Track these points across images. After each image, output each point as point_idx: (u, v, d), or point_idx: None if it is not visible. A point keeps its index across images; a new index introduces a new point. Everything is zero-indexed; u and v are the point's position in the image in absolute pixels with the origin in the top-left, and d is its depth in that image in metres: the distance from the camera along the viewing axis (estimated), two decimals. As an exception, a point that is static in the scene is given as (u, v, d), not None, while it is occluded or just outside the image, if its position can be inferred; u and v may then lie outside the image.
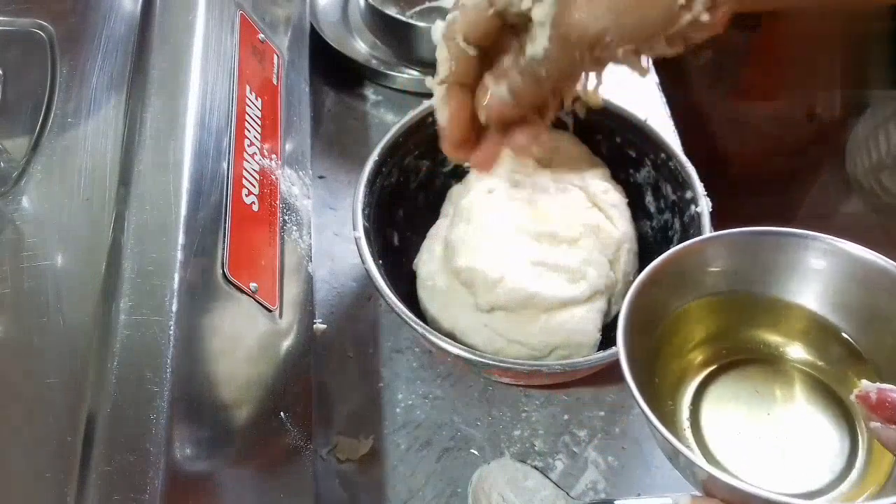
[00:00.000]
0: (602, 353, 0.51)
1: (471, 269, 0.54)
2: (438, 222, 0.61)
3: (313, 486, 0.47)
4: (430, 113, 0.61)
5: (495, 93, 0.40)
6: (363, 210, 0.55)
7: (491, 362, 0.51)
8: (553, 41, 0.38)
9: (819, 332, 0.46)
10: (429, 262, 0.58)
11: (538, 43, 0.38)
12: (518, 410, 0.58)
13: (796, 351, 0.47)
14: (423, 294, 0.58)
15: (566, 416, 0.58)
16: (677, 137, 0.73)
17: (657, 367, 0.45)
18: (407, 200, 0.62)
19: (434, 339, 0.51)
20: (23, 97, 0.49)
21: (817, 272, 0.44)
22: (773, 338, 0.47)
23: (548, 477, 0.54)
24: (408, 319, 0.51)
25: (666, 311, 0.46)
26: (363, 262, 0.53)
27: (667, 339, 0.46)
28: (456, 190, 0.62)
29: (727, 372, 0.46)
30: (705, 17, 0.36)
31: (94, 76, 0.51)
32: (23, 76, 0.50)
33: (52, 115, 0.49)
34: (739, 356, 0.47)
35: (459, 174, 0.63)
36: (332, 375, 0.59)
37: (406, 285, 0.58)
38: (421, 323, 0.52)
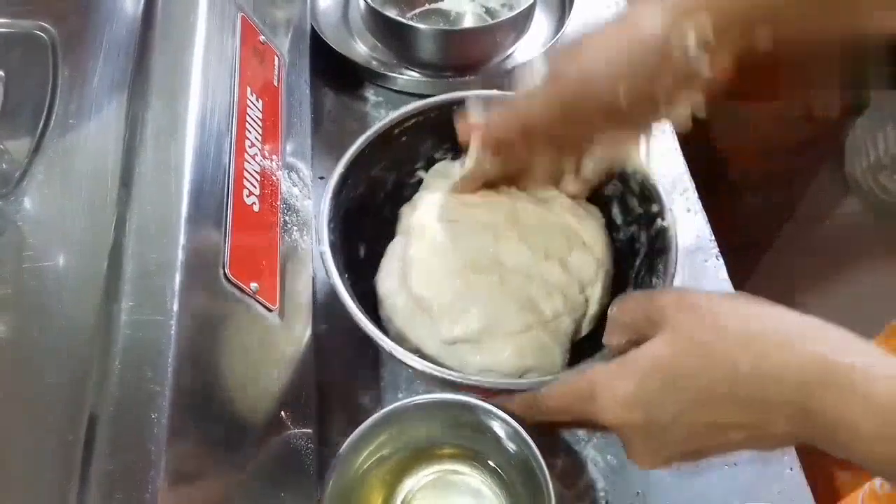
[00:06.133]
0: (569, 371, 0.51)
1: (427, 300, 0.53)
2: (395, 240, 0.60)
3: (314, 486, 0.47)
4: (396, 125, 0.60)
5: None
6: (328, 223, 0.55)
7: (457, 380, 0.49)
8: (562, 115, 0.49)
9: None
10: (387, 280, 0.57)
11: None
12: (517, 410, 0.58)
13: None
14: (385, 312, 0.56)
15: (565, 416, 0.58)
16: (675, 138, 0.73)
17: None
18: (373, 213, 0.61)
19: (412, 363, 0.50)
20: (24, 99, 0.49)
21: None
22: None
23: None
24: (376, 338, 0.50)
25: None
26: (328, 276, 0.52)
27: None
28: (405, 210, 0.61)
29: None
30: (705, 72, 0.42)
31: (95, 78, 0.51)
32: (24, 78, 0.50)
33: (54, 116, 0.49)
34: None
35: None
36: (332, 375, 0.59)
37: (373, 298, 0.58)
38: (392, 344, 0.50)
